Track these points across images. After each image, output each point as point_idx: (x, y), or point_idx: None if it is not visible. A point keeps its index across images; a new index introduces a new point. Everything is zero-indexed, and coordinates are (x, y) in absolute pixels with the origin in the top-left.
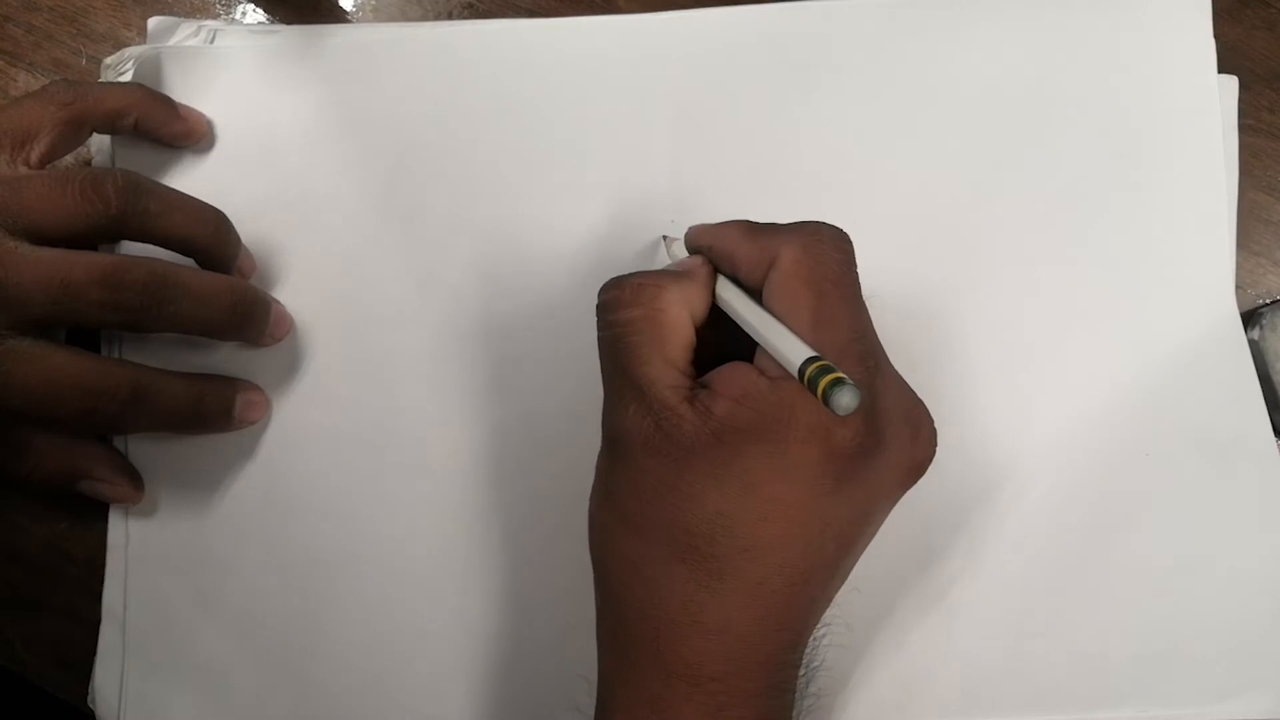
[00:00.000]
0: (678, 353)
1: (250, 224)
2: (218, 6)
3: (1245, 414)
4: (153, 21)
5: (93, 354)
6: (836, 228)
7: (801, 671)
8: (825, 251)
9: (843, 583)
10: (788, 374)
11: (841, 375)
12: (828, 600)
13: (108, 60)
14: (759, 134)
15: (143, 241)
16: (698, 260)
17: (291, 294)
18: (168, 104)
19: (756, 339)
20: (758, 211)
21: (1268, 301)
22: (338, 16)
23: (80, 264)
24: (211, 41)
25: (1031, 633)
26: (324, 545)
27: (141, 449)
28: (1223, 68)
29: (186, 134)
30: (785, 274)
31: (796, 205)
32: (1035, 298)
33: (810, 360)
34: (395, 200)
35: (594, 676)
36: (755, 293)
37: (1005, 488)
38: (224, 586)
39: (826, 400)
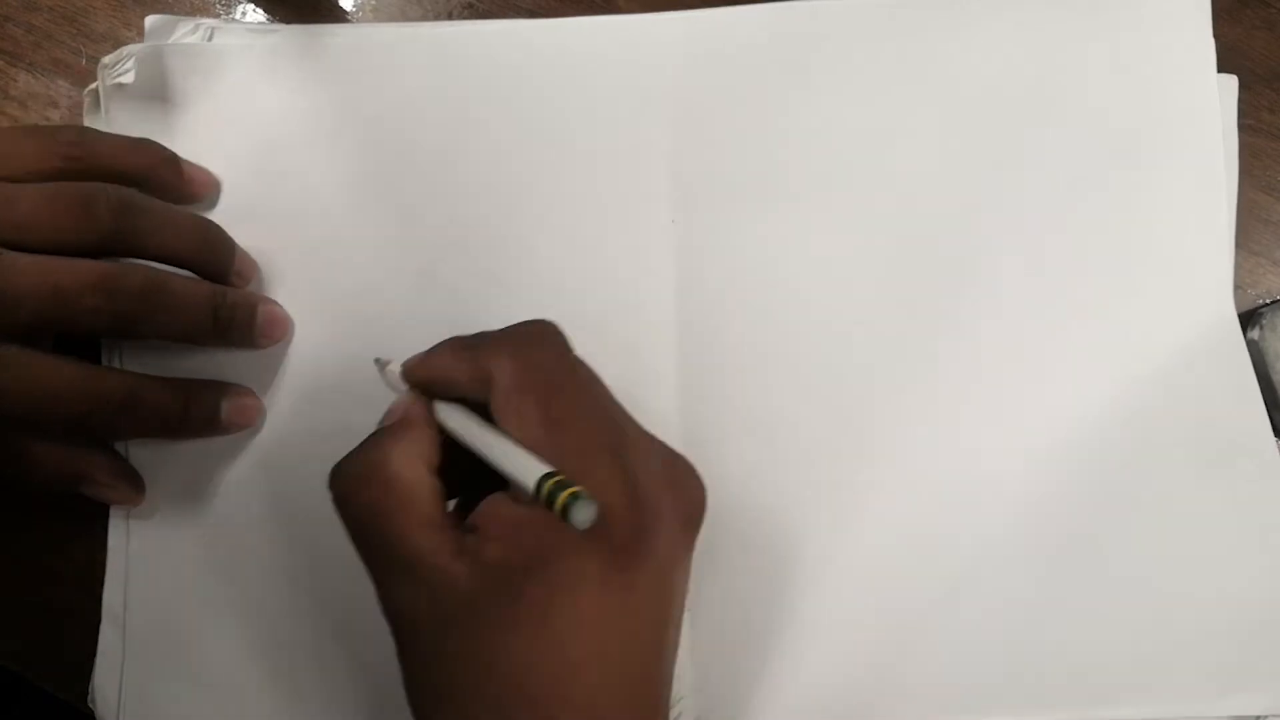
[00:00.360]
0: (428, 510)
1: (248, 223)
2: (217, 6)
3: (1244, 414)
4: (150, 20)
5: (80, 361)
6: (543, 322)
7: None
8: (537, 354)
9: (675, 655)
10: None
11: (576, 489)
12: (668, 679)
13: (105, 59)
14: (759, 134)
15: (133, 258)
16: (411, 402)
17: (289, 293)
18: (175, 169)
19: (493, 465)
20: (759, 214)
21: (1267, 301)
22: (338, 16)
23: (70, 270)
24: (210, 39)
25: (1030, 632)
26: (324, 545)
27: (143, 450)
28: (1222, 67)
29: (192, 197)
30: (505, 390)
31: (796, 205)
32: (1034, 297)
33: (544, 478)
34: (395, 200)
35: None
36: (483, 408)
37: (1004, 488)
38: (224, 587)
39: (566, 518)
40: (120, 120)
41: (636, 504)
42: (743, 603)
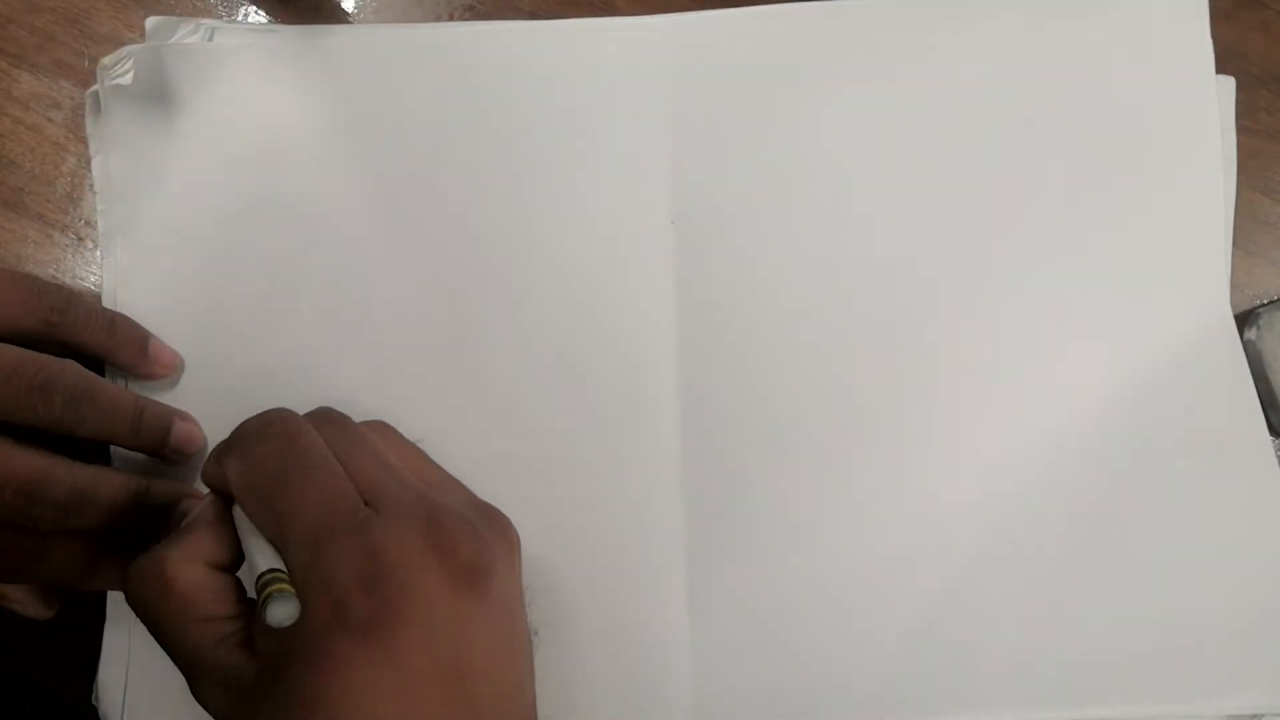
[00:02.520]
0: (210, 608)
1: (247, 224)
2: (219, 7)
3: (1241, 413)
4: (151, 21)
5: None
6: (264, 416)
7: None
8: (258, 451)
9: (510, 698)
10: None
11: (277, 587)
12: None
13: (105, 60)
14: (759, 134)
15: (70, 435)
16: (204, 502)
17: (288, 293)
18: (142, 353)
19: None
20: (759, 215)
21: (1265, 302)
22: (339, 18)
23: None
24: (210, 40)
25: (1030, 631)
26: None
27: (146, 459)
28: (1220, 69)
29: (152, 376)
30: (239, 495)
31: (796, 205)
32: (1032, 297)
33: (260, 576)
34: (395, 201)
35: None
36: None
37: (1002, 487)
38: None
39: (266, 618)
40: (119, 121)
41: (377, 577)
42: (744, 601)
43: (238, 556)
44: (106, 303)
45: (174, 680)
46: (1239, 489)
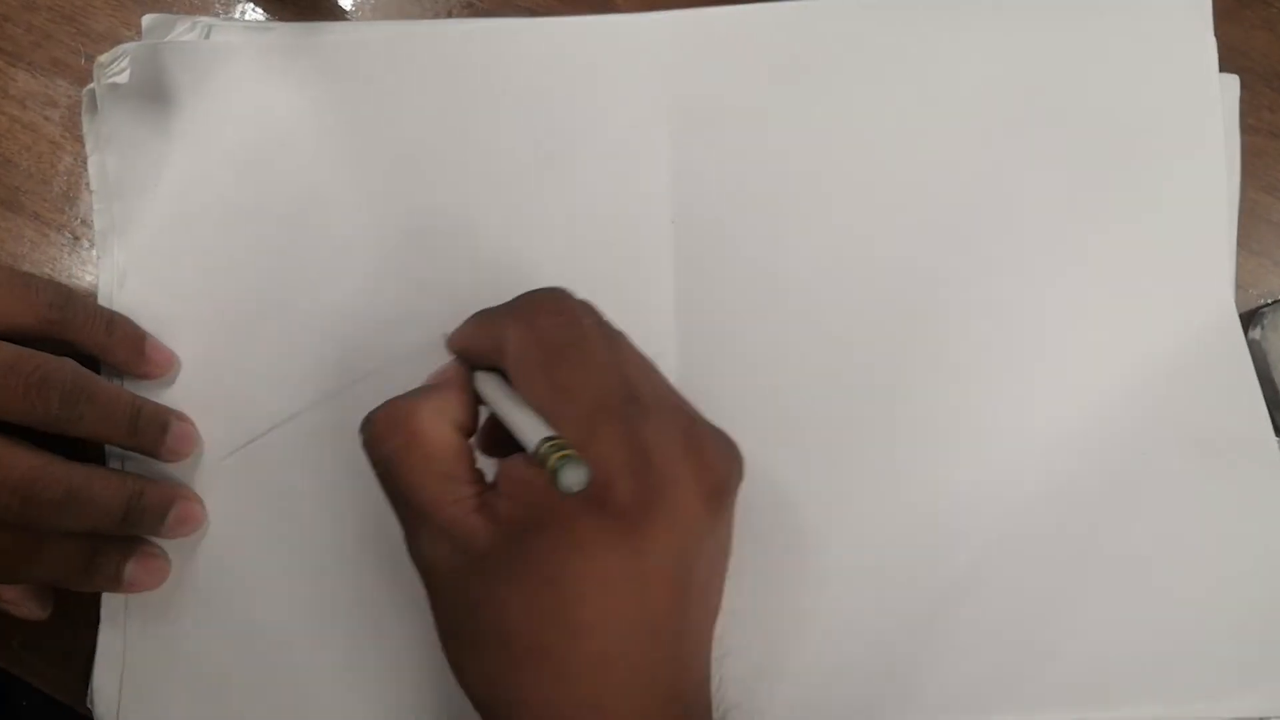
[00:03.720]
0: (450, 466)
1: (245, 223)
2: (216, 4)
3: (1245, 414)
4: (148, 18)
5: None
6: (553, 290)
7: (715, 712)
8: (544, 322)
9: (707, 621)
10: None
11: (568, 453)
12: (697, 643)
13: (101, 58)
14: (760, 132)
15: (66, 435)
16: (451, 367)
17: (285, 292)
18: (139, 352)
19: (509, 428)
20: (759, 212)
21: (1269, 301)
22: (336, 15)
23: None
24: (207, 38)
25: (1031, 632)
26: (324, 546)
27: (142, 456)
28: (1223, 67)
29: (149, 376)
30: (514, 359)
31: (796, 205)
32: (1035, 297)
33: (543, 441)
34: (393, 200)
35: None
36: None
37: (1004, 487)
38: (224, 588)
39: (555, 482)
40: (116, 120)
41: (642, 470)
42: (744, 601)
43: (476, 425)
44: (103, 302)
45: (170, 682)
46: (1243, 488)
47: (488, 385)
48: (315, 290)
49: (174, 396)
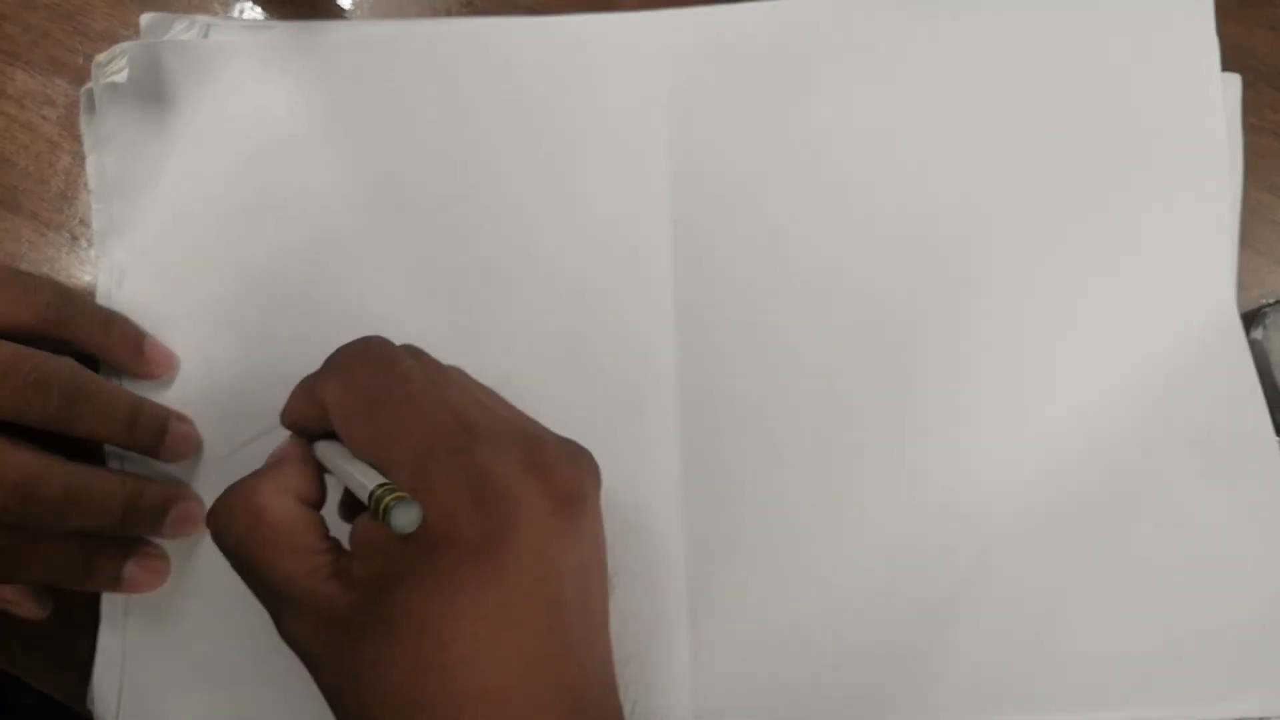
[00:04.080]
0: (300, 540)
1: (243, 222)
2: (214, 3)
3: (1246, 413)
4: (146, 17)
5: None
6: (366, 341)
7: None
8: (359, 372)
9: (595, 626)
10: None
11: (400, 494)
12: (588, 655)
13: (99, 57)
14: (760, 131)
15: (65, 434)
16: (287, 442)
17: (284, 292)
18: (137, 351)
19: (347, 486)
20: (760, 211)
21: (1271, 301)
22: (335, 14)
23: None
24: (205, 36)
25: (1031, 633)
26: None
27: (140, 457)
28: (1226, 66)
29: (148, 376)
30: (337, 416)
31: (797, 204)
32: (1037, 296)
33: (376, 488)
34: (392, 199)
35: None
36: None
37: (1005, 487)
38: (224, 588)
39: (390, 525)
40: (113, 119)
41: (483, 499)
42: (745, 602)
43: (322, 494)
44: (101, 301)
45: (168, 683)
46: (1244, 489)
47: (325, 451)
48: (314, 289)
49: (173, 396)
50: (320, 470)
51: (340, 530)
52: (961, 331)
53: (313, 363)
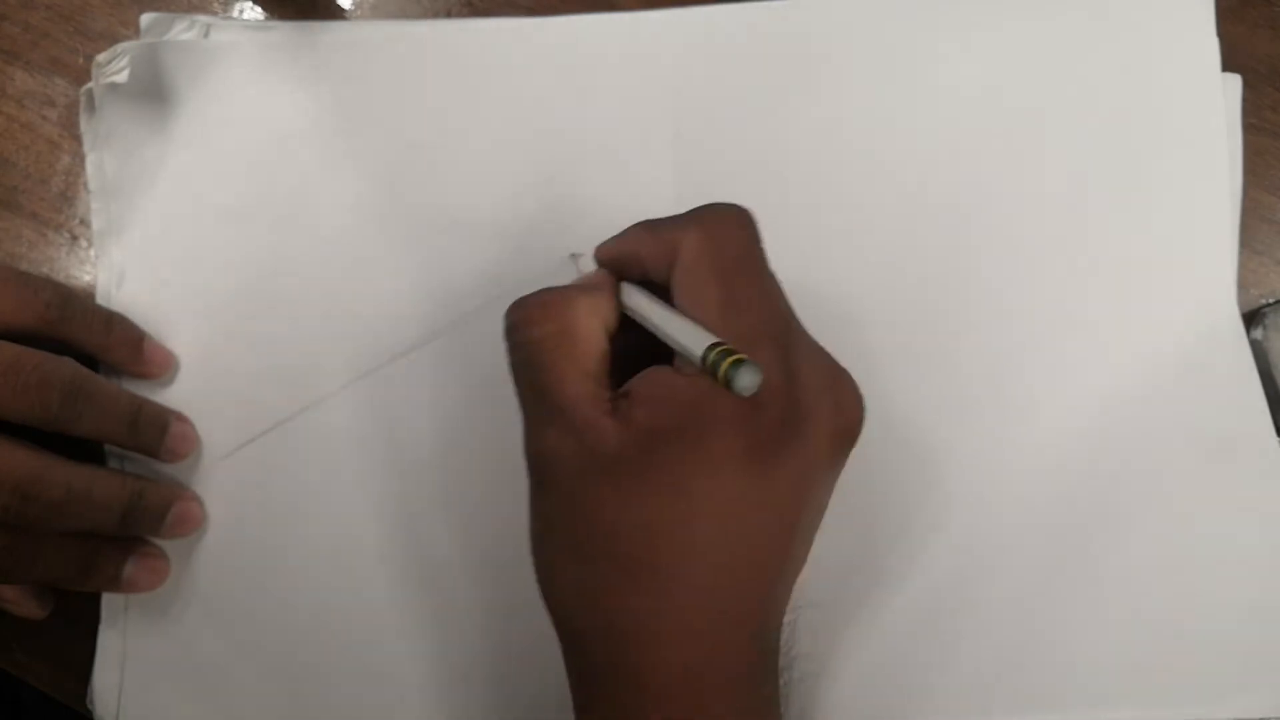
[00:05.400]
0: (594, 366)
1: (243, 222)
2: (215, 3)
3: (1246, 413)
4: (146, 17)
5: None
6: (737, 207)
7: (781, 659)
8: (726, 234)
9: (800, 566)
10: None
11: (741, 356)
12: (787, 583)
13: (100, 57)
14: (761, 130)
15: (65, 433)
16: (601, 272)
17: (284, 292)
18: (137, 352)
19: (663, 338)
20: (760, 210)
21: (1271, 301)
22: (335, 14)
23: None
24: (206, 36)
25: (1030, 633)
26: (324, 546)
27: (140, 457)
28: (1226, 66)
29: (148, 376)
30: (687, 265)
31: (797, 203)
32: (1037, 296)
33: (711, 346)
34: (392, 199)
35: None
36: (666, 292)
37: (1005, 487)
38: (222, 588)
39: (729, 383)
40: (114, 119)
41: (790, 397)
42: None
43: (616, 332)
44: (101, 301)
45: (170, 682)
46: (1244, 488)
47: (638, 296)
48: (314, 289)
49: (173, 396)
50: (621, 318)
51: None
52: (961, 331)
53: (313, 363)
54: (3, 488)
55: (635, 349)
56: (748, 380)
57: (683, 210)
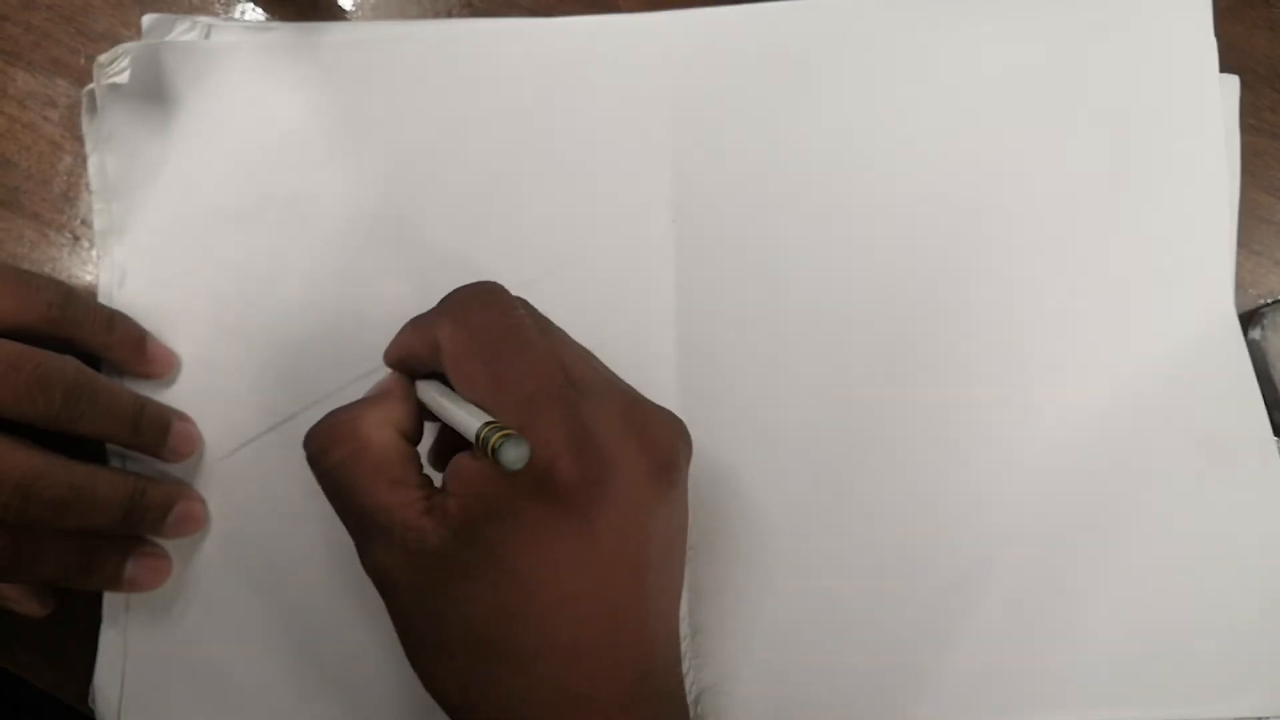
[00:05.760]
0: (399, 472)
1: (245, 223)
2: (216, 4)
3: (1245, 413)
4: (147, 18)
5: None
6: (483, 285)
7: (688, 686)
8: (476, 315)
9: (672, 595)
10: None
11: (509, 431)
12: (664, 618)
13: (101, 58)
14: (760, 133)
15: (68, 432)
16: (391, 377)
17: (285, 292)
18: (140, 351)
19: (453, 426)
20: (760, 213)
21: (1269, 301)
22: (336, 15)
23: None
24: (207, 37)
25: (1030, 633)
26: (325, 545)
27: (142, 456)
28: (1224, 67)
29: (150, 375)
30: (450, 356)
31: (797, 205)
32: (1035, 297)
33: (484, 425)
34: (392, 200)
35: None
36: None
37: (1004, 488)
38: (224, 588)
39: (498, 460)
40: (115, 120)
41: (585, 450)
42: (743, 602)
43: (420, 432)
44: (103, 301)
45: (169, 681)
46: (1242, 489)
47: (428, 390)
48: (315, 290)
49: (174, 396)
50: (420, 410)
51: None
52: (959, 332)
53: (313, 362)
54: (4, 486)
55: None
56: (512, 455)
57: (683, 211)
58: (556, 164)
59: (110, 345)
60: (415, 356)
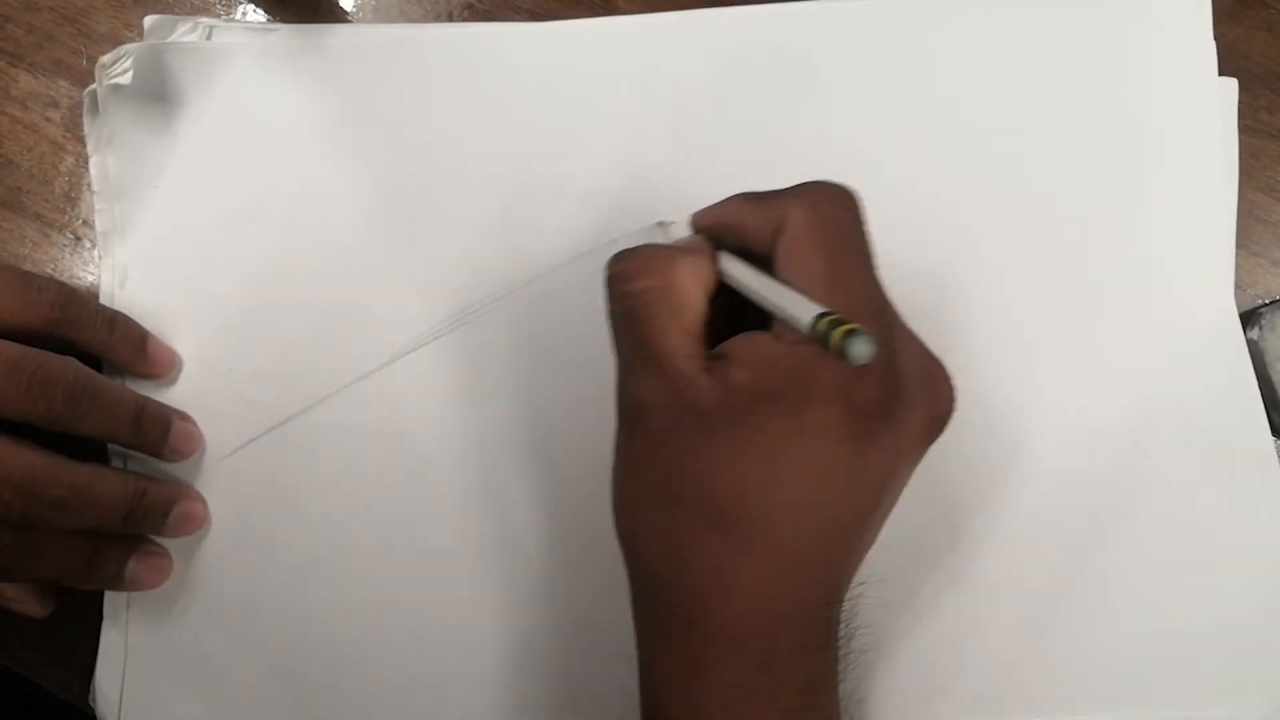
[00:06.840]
0: (693, 324)
1: (246, 224)
2: (217, 5)
3: (1244, 414)
4: (149, 19)
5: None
6: (843, 186)
7: (842, 629)
8: (833, 212)
9: (874, 540)
10: (803, 338)
11: (855, 326)
12: (860, 557)
13: (103, 59)
14: (760, 134)
15: (69, 432)
16: (699, 238)
17: (286, 293)
18: (141, 351)
19: (766, 305)
20: None
21: (1267, 301)
22: (337, 16)
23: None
24: (208, 38)
25: (1030, 635)
26: (326, 545)
27: (143, 456)
28: (1222, 68)
29: (151, 376)
30: (794, 239)
31: None
32: (1035, 298)
33: (822, 315)
34: (393, 200)
35: (633, 651)
36: (763, 262)
37: (1004, 488)
38: (225, 587)
39: (842, 352)
40: (117, 121)
41: (891, 379)
42: None
43: (711, 296)
44: (104, 302)
45: (170, 681)
46: (1241, 489)
47: (735, 264)
48: (316, 290)
49: (175, 396)
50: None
51: None
52: (959, 332)
53: (315, 362)
54: (6, 486)
55: (721, 316)
56: (862, 349)
57: (683, 209)
58: (556, 166)
59: (111, 346)
60: (739, 228)
